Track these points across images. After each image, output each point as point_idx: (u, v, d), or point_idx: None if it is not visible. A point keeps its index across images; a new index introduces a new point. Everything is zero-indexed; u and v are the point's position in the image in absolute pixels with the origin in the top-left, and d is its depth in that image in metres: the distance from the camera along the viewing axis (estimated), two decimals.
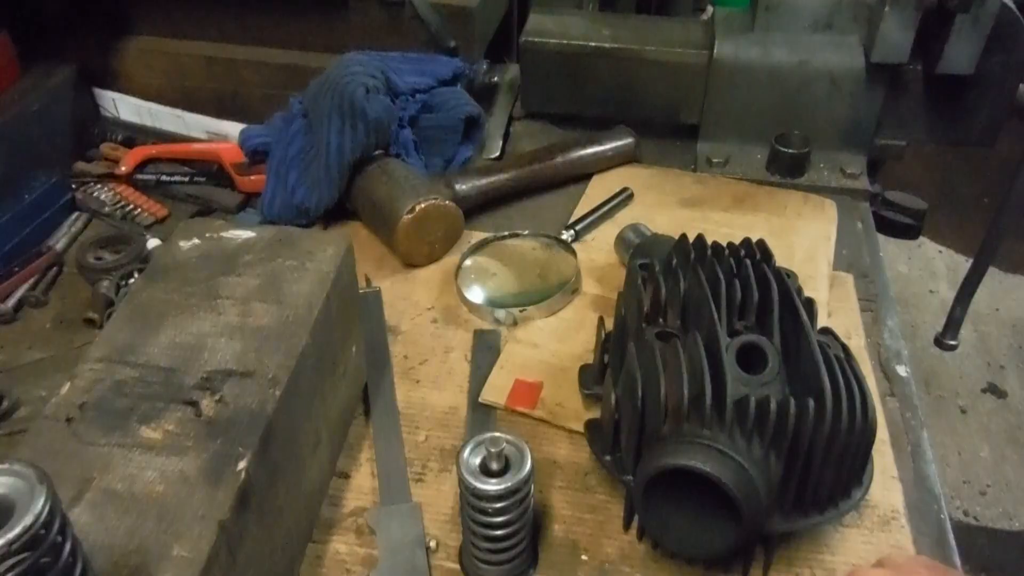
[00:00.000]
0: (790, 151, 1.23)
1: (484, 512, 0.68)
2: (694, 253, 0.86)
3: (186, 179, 1.29)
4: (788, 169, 1.24)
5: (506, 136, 1.35)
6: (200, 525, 0.57)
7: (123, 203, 1.25)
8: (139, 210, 1.24)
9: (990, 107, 1.22)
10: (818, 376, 0.68)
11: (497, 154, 1.31)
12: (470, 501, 0.69)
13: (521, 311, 1.01)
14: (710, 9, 1.44)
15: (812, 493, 0.71)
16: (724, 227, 1.13)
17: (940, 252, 2.79)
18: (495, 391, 0.92)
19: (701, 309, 0.76)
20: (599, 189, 1.23)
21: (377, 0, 1.34)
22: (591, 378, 0.90)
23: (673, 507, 0.71)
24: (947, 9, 1.09)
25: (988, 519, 2.04)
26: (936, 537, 0.79)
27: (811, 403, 0.67)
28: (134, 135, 1.39)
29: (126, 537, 0.56)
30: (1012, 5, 1.12)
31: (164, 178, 1.29)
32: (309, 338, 0.71)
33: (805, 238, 1.12)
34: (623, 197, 1.20)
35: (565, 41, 1.30)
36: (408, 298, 1.06)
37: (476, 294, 1.04)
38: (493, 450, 0.67)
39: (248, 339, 0.71)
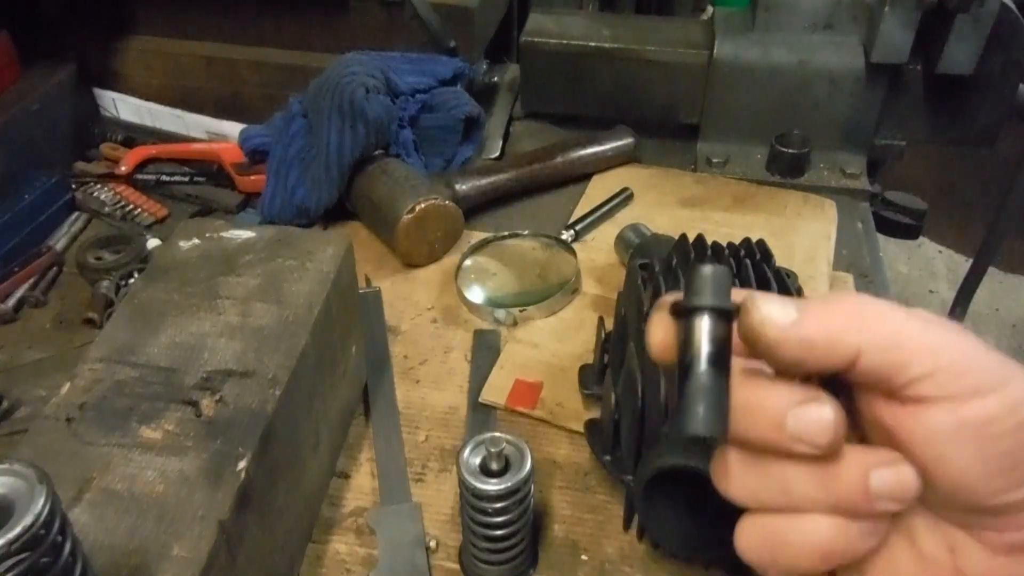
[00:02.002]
0: (790, 151, 1.23)
1: (484, 512, 0.68)
2: (694, 253, 0.86)
3: (186, 179, 1.29)
4: (788, 169, 1.24)
5: (506, 136, 1.35)
6: (200, 525, 0.57)
7: (123, 203, 1.25)
8: (139, 210, 1.24)
9: (990, 107, 1.22)
10: None
11: (497, 154, 1.31)
12: (470, 501, 0.68)
13: (521, 311, 1.01)
14: (710, 9, 1.44)
15: None
16: (724, 227, 1.13)
17: (940, 252, 2.80)
18: (495, 391, 0.92)
19: None
20: (599, 189, 1.23)
21: (377, 0, 1.34)
22: (591, 378, 0.90)
23: (673, 507, 0.71)
24: (947, 9, 1.09)
25: None
26: None
27: None
28: (134, 135, 1.39)
29: (126, 537, 0.56)
30: (1012, 5, 1.12)
31: (164, 178, 1.29)
32: (309, 338, 0.71)
33: (805, 238, 1.12)
34: (623, 197, 1.20)
35: (565, 41, 1.30)
36: (408, 298, 1.06)
37: (476, 294, 1.04)
38: (493, 450, 0.67)
39: (248, 339, 0.71)
